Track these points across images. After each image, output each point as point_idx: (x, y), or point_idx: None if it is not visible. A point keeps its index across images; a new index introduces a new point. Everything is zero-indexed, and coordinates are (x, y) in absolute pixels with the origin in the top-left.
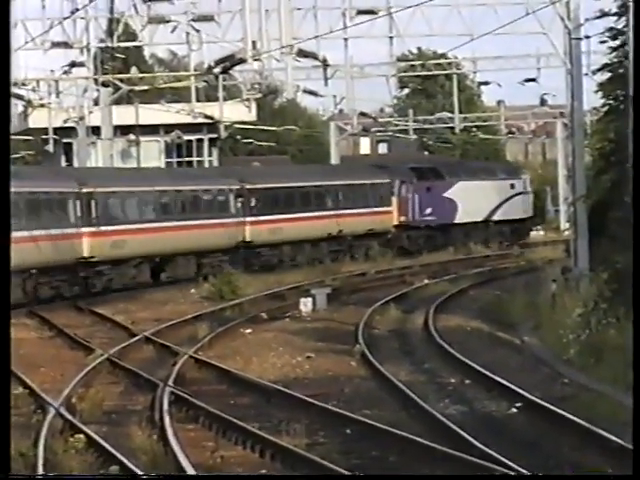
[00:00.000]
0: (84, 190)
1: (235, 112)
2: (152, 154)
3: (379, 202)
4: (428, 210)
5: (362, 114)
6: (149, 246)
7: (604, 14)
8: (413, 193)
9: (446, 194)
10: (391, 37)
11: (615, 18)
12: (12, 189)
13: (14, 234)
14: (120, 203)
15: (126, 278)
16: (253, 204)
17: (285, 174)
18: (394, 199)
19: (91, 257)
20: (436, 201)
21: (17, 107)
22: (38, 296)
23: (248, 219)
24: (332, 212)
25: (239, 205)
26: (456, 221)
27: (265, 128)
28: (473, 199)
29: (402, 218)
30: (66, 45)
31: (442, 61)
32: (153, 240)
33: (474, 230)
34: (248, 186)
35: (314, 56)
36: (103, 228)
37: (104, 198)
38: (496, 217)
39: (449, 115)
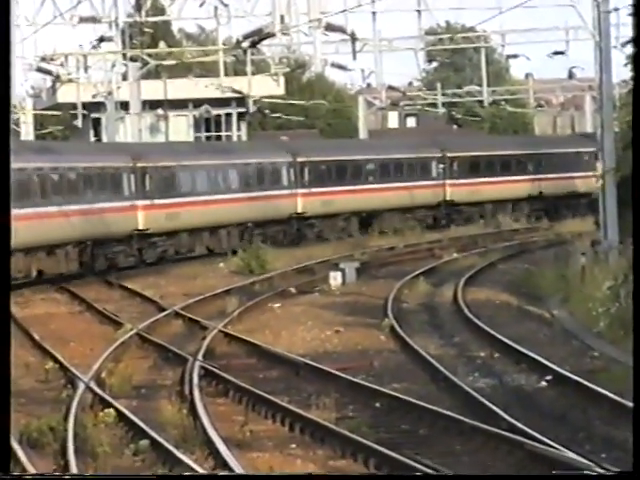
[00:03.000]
0: (298, 160)
1: (263, 86)
2: (181, 129)
3: (582, 167)
4: None
5: (390, 88)
6: (355, 204)
7: None
8: None
9: None
10: (419, 10)
11: None
12: (240, 160)
13: (232, 195)
14: (329, 169)
15: (336, 230)
16: (454, 169)
17: (487, 144)
18: (599, 164)
19: (303, 212)
20: None
21: (46, 82)
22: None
23: (448, 181)
24: (532, 176)
25: (441, 170)
26: None
27: (293, 102)
28: None
29: None
30: (94, 20)
31: (470, 34)
32: (358, 199)
33: None
34: (449, 154)
35: (342, 30)
36: (314, 190)
37: (316, 166)
38: None
39: (477, 88)
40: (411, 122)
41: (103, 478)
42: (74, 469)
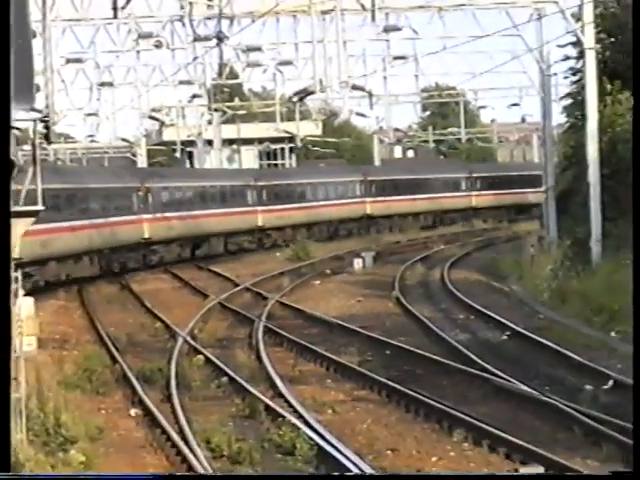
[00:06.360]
0: (473, 175)
1: (307, 129)
2: (249, 159)
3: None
4: None
5: (396, 129)
6: (504, 201)
7: (567, 58)
8: None
9: None
10: (417, 75)
11: (574, 61)
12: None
13: (426, 195)
14: (496, 181)
15: (498, 217)
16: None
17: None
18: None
19: (476, 206)
20: None
21: (155, 126)
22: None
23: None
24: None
25: None
26: None
27: (328, 140)
28: None
29: None
30: (189, 82)
31: (452, 92)
32: (506, 199)
33: None
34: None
35: (363, 89)
36: (483, 192)
37: (485, 179)
38: None
39: (457, 130)
40: (411, 154)
41: (103, 478)
42: (175, 398)
